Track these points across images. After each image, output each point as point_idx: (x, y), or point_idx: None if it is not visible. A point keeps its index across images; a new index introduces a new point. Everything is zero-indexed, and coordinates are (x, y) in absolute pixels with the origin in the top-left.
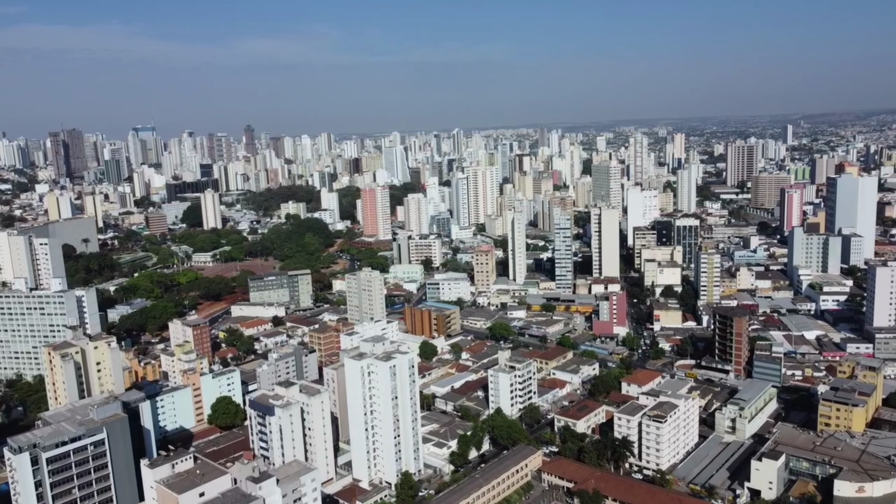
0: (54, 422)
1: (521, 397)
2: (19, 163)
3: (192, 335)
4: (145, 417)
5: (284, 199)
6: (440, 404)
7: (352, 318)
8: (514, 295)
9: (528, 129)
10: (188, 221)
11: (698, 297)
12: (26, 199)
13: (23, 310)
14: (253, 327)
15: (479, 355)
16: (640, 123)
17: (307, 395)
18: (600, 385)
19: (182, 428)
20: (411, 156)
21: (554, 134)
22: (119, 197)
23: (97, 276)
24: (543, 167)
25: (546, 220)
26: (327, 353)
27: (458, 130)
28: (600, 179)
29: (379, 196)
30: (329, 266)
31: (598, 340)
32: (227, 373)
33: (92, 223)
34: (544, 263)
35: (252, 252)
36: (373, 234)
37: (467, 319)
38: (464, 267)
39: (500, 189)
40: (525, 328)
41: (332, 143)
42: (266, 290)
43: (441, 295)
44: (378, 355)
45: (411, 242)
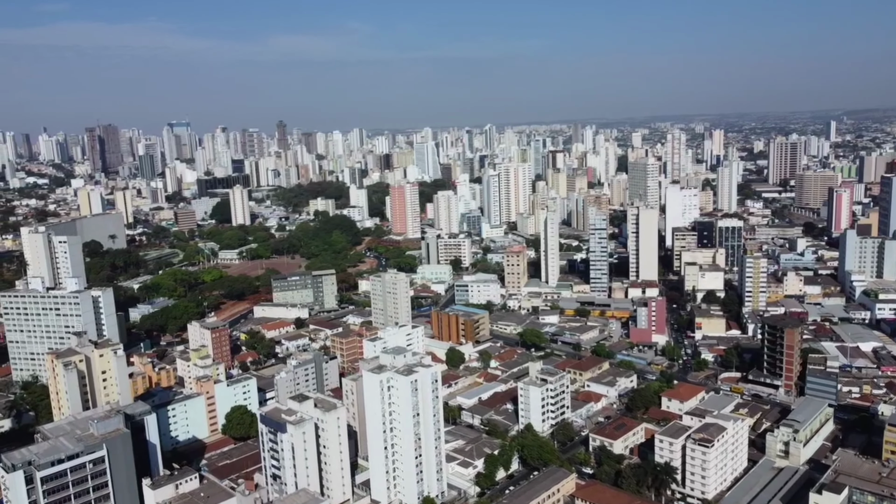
0: (53, 436)
1: (554, 412)
2: (58, 157)
3: (210, 338)
4: (150, 431)
5: (314, 196)
6: (466, 417)
7: (376, 322)
8: (546, 298)
9: (561, 124)
10: (217, 217)
11: (743, 304)
12: (61, 193)
13: (38, 310)
14: (275, 329)
15: (508, 364)
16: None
17: (322, 411)
18: (638, 400)
19: (194, 438)
20: (443, 152)
21: (588, 130)
22: (150, 192)
23: (122, 274)
24: (577, 164)
25: (580, 218)
26: (349, 359)
27: (490, 126)
28: (637, 177)
29: (408, 193)
30: (356, 265)
31: (636, 349)
32: (242, 380)
33: (120, 219)
34: (578, 265)
35: (279, 250)
36: (401, 232)
37: (497, 324)
38: (494, 268)
39: (532, 186)
40: (558, 335)
41: (364, 138)
42: (289, 291)
43: (470, 297)
44: (399, 369)
45: (440, 241)
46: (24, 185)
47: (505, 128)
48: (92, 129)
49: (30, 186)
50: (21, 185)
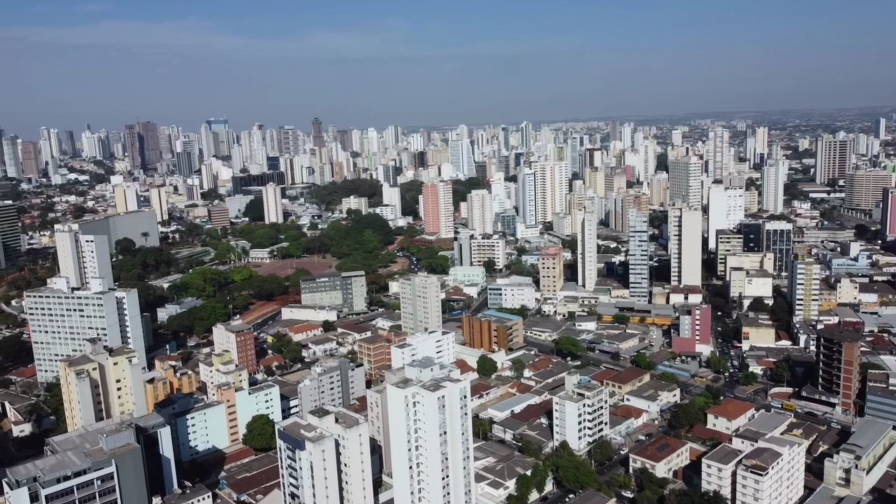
0: (62, 449)
1: (591, 429)
2: (100, 154)
3: (235, 342)
4: (164, 445)
5: (347, 194)
6: (498, 431)
7: (405, 327)
8: (583, 303)
9: (598, 121)
10: (250, 215)
11: (793, 313)
12: (100, 190)
13: (62, 311)
14: (302, 332)
15: (543, 374)
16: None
17: (343, 427)
18: (682, 416)
19: (214, 449)
20: (478, 149)
21: (626, 127)
22: (186, 189)
23: (153, 272)
24: (615, 162)
25: (619, 219)
26: (377, 366)
27: (526, 123)
28: (678, 176)
29: (441, 192)
30: (387, 265)
31: (678, 360)
32: (264, 388)
33: (153, 216)
34: (616, 268)
35: (310, 249)
36: (434, 231)
37: (531, 330)
38: (528, 270)
39: (569, 185)
40: (595, 342)
41: (399, 136)
42: (318, 292)
43: (503, 301)
44: (425, 383)
45: (473, 242)
46: (66, 182)
47: (541, 125)
48: (132, 127)
49: (71, 183)
50: (63, 182)
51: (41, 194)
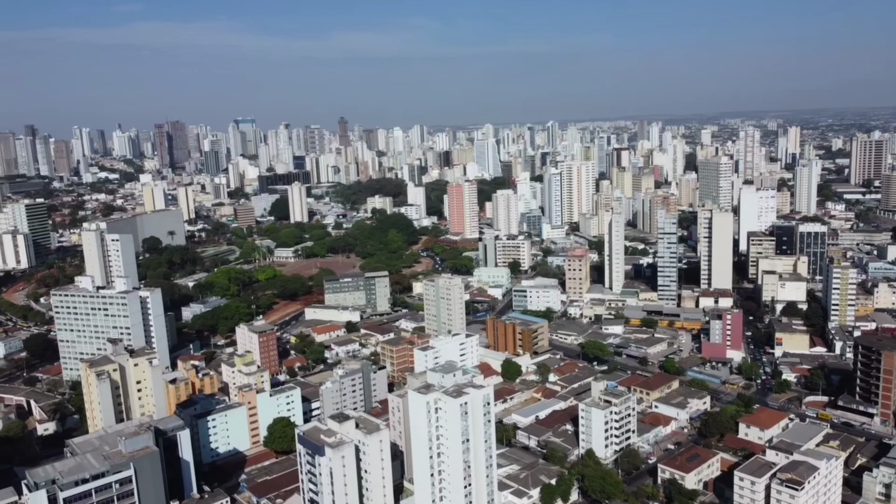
0: (81, 451)
1: (618, 437)
2: (130, 153)
3: (257, 343)
4: (184, 448)
5: (372, 193)
6: (522, 437)
7: (429, 329)
8: (609, 306)
9: (626, 121)
10: (276, 214)
11: (828, 318)
12: (129, 188)
13: (87, 310)
14: (325, 333)
15: (568, 378)
16: (747, 116)
17: (364, 433)
18: (713, 425)
19: (235, 451)
20: (503, 149)
21: (654, 126)
22: (213, 188)
23: (179, 270)
24: (643, 162)
25: (646, 220)
26: (399, 369)
27: (552, 122)
28: (707, 176)
29: (466, 191)
30: (411, 265)
31: (708, 365)
32: (285, 391)
33: (179, 215)
34: (644, 270)
35: (334, 248)
36: (459, 231)
37: (557, 333)
38: (554, 271)
39: (596, 185)
40: (622, 347)
41: (425, 135)
42: (342, 293)
43: (528, 304)
44: (448, 389)
45: (498, 243)
46: (96, 180)
47: (568, 124)
48: (161, 126)
49: (101, 181)
50: (93, 180)
51: (72, 192)
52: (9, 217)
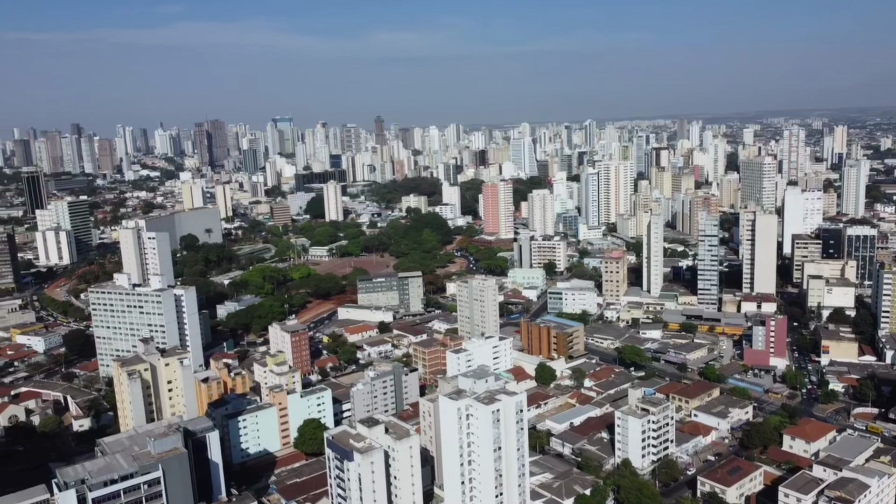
0: (111, 451)
1: (655, 447)
2: (171, 151)
3: (289, 342)
4: (213, 450)
5: (407, 192)
6: (556, 444)
7: (462, 331)
8: (647, 309)
9: (665, 119)
10: (312, 212)
11: (878, 326)
12: (169, 186)
13: (123, 307)
14: (357, 333)
15: (604, 384)
16: (790, 114)
17: (394, 439)
18: (755, 436)
19: (265, 451)
20: (540, 148)
21: (694, 125)
22: (251, 186)
23: (215, 268)
24: (683, 162)
25: (686, 221)
26: (431, 371)
27: (590, 121)
28: (750, 177)
29: (501, 191)
30: (445, 265)
31: (750, 373)
32: (316, 392)
33: (216, 213)
34: (684, 273)
35: (368, 247)
36: (493, 231)
37: (592, 337)
38: (591, 273)
39: (634, 185)
40: (660, 352)
41: (461, 134)
42: (375, 292)
43: (564, 306)
44: (479, 395)
45: (534, 243)
46: (138, 178)
47: (606, 123)
48: (201, 125)
49: (142, 179)
50: (135, 178)
51: (114, 190)
52: (52, 214)
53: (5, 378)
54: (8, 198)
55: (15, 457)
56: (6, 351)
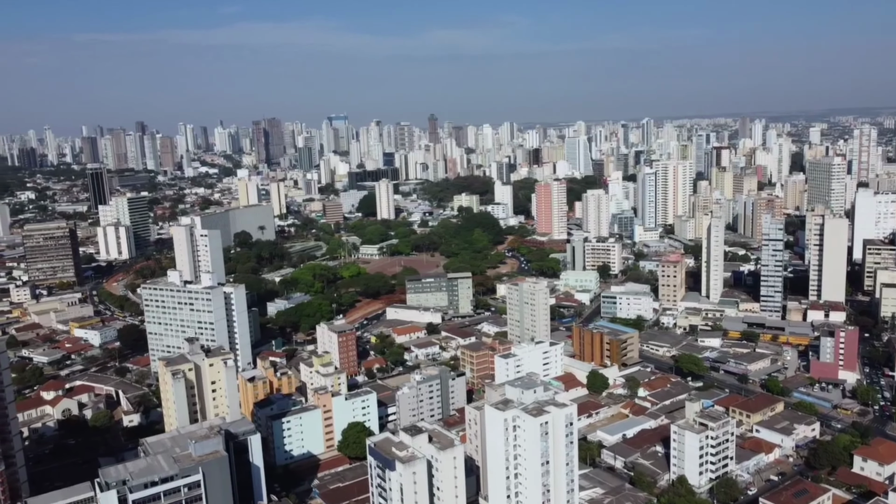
0: (153, 451)
1: (714, 464)
2: (230, 149)
3: (336, 342)
4: (254, 453)
5: (459, 190)
6: (607, 457)
7: (511, 335)
8: (706, 316)
9: (726, 118)
10: (363, 211)
11: None
12: (227, 183)
13: (174, 304)
14: (405, 334)
15: (659, 394)
16: (860, 112)
17: (437, 448)
18: (823, 455)
19: (309, 454)
20: (595, 147)
21: (757, 124)
22: (305, 183)
23: (267, 265)
24: (745, 162)
25: (748, 223)
26: (479, 375)
27: (647, 120)
28: (817, 178)
29: (555, 191)
30: (496, 266)
31: (817, 387)
32: (361, 395)
33: (269, 210)
34: (745, 278)
35: (419, 246)
36: (546, 232)
37: (647, 344)
38: (646, 277)
39: (693, 186)
40: (720, 362)
41: (515, 132)
42: (423, 293)
43: (618, 310)
44: (527, 406)
45: (587, 245)
46: (197, 175)
47: (664, 121)
48: (258, 123)
49: (201, 176)
50: (194, 175)
51: (174, 186)
52: (113, 210)
53: (62, 371)
54: (74, 193)
55: (67, 450)
56: (64, 344)
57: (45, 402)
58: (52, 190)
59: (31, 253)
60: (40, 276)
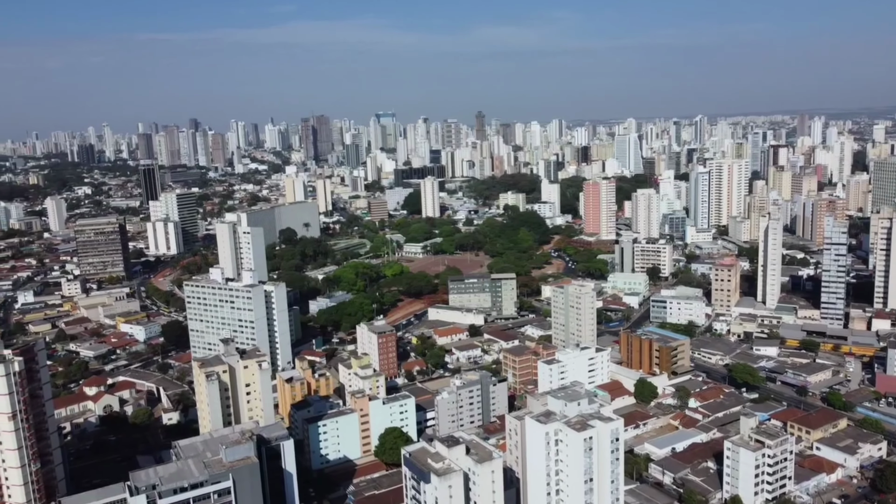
0: (185, 455)
1: (771, 484)
2: (279, 146)
3: (376, 343)
4: (287, 459)
5: (506, 189)
6: (655, 472)
7: (556, 339)
8: (762, 323)
9: (783, 115)
10: (408, 208)
11: None
12: (275, 179)
13: (216, 301)
14: (447, 336)
15: (711, 406)
16: None
17: (475, 461)
18: (890, 477)
19: (345, 459)
20: (646, 144)
21: (816, 121)
22: (352, 180)
23: (311, 262)
24: (804, 161)
25: (807, 226)
26: (522, 380)
27: (700, 117)
28: (883, 178)
29: (603, 189)
30: (541, 267)
31: (884, 402)
32: (399, 399)
33: (314, 207)
34: (804, 283)
35: (463, 245)
36: (594, 232)
37: (699, 351)
38: (698, 280)
39: (748, 186)
40: (777, 372)
41: (563, 129)
42: (466, 293)
43: (668, 315)
44: (570, 419)
45: (637, 246)
46: (246, 171)
47: (717, 119)
48: (306, 120)
49: (251, 172)
50: (244, 171)
51: (224, 182)
52: (163, 205)
53: (107, 365)
54: (128, 188)
55: (107, 447)
56: (110, 339)
57: (87, 398)
58: (108, 185)
59: (83, 247)
60: (91, 270)
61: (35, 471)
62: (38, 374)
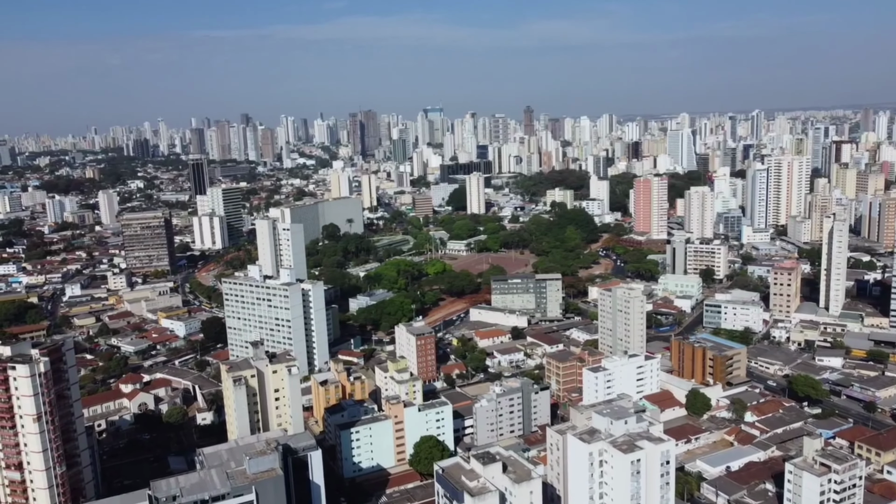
0: (209, 464)
1: None
2: (328, 140)
3: (415, 346)
4: (314, 471)
5: (553, 185)
6: (708, 492)
7: (602, 344)
8: (825, 331)
9: (845, 110)
10: (454, 204)
11: None
12: (322, 174)
13: (253, 299)
14: (489, 338)
15: (769, 421)
16: None
17: (512, 481)
18: None
19: (379, 467)
20: (700, 140)
21: (881, 116)
22: (397, 176)
23: (353, 259)
24: (869, 157)
25: (874, 226)
26: (565, 388)
27: (758, 112)
28: None
29: (655, 186)
30: (589, 266)
31: None
32: (436, 406)
33: (358, 203)
34: (871, 288)
35: (508, 243)
36: (644, 231)
37: (756, 360)
38: (755, 283)
39: (809, 184)
40: (841, 385)
41: (614, 124)
42: (510, 294)
43: (722, 321)
44: (616, 439)
45: (690, 246)
46: (295, 166)
47: (776, 113)
48: (354, 115)
49: (299, 167)
50: (292, 166)
51: (272, 177)
52: (209, 200)
53: (146, 361)
54: (179, 183)
55: (141, 446)
56: (151, 334)
57: (122, 395)
58: (160, 179)
59: (129, 241)
60: (137, 264)
61: (60, 473)
62: (65, 374)
